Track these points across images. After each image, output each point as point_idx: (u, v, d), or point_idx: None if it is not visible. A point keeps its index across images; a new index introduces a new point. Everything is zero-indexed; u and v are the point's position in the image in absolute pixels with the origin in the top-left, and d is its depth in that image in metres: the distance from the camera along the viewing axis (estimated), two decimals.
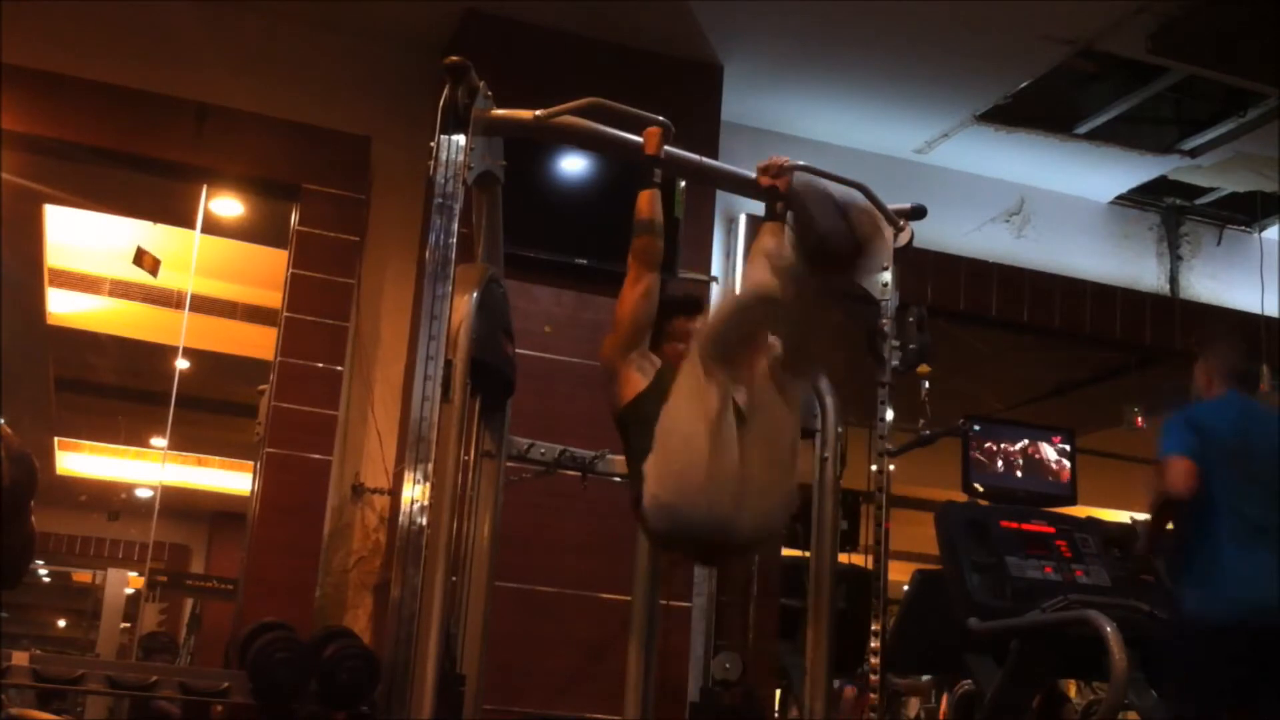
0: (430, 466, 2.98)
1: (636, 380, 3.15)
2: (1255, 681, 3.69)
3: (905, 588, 4.83)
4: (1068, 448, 4.74)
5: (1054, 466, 4.70)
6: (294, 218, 5.51)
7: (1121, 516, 4.87)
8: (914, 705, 8.61)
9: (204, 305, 7.52)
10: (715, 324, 2.92)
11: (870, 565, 3.77)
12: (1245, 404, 4.00)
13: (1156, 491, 3.82)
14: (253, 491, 5.46)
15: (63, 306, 8.22)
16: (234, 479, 9.92)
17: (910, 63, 5.59)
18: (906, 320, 3.82)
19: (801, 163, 3.56)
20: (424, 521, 2.97)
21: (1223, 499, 3.76)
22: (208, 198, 6.00)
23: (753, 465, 2.82)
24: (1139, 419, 7.25)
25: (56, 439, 10.61)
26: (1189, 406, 3.99)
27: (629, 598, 4.03)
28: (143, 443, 10.19)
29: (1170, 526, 3.93)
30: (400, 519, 3.00)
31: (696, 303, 3.44)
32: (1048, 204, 6.63)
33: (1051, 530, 4.28)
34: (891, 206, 3.81)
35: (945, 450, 4.71)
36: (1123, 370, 7.49)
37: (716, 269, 5.69)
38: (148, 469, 9.87)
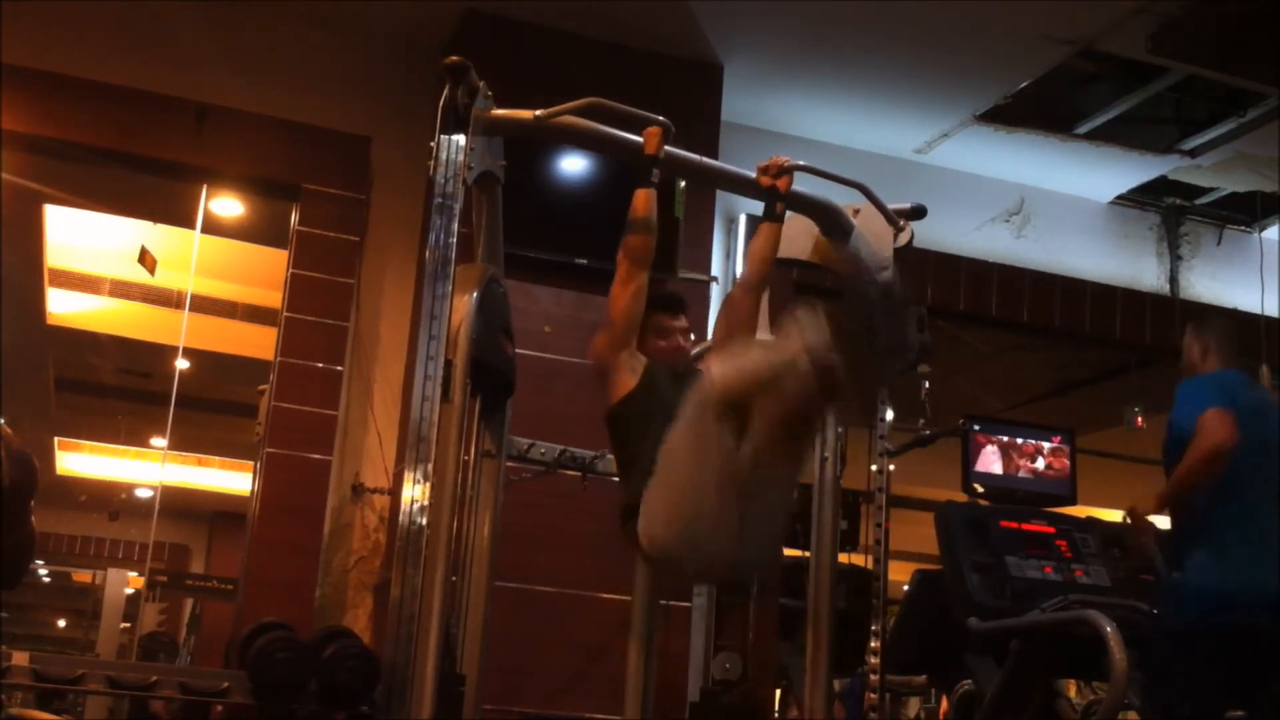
0: (430, 466, 2.98)
1: (626, 379, 3.17)
2: (1243, 667, 3.66)
3: (905, 588, 4.84)
4: (1068, 448, 4.74)
5: (1054, 466, 4.70)
6: (294, 218, 5.52)
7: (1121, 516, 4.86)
8: (914, 705, 8.61)
9: (204, 305, 7.51)
10: (748, 379, 2.74)
11: (870, 565, 3.77)
12: (1254, 386, 3.96)
13: (1198, 447, 3.64)
14: (253, 491, 5.46)
15: (63, 306, 8.21)
16: (234, 479, 9.92)
17: (910, 63, 5.59)
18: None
19: (802, 163, 3.57)
20: (424, 521, 2.96)
21: (1235, 475, 3.67)
22: (208, 198, 6.01)
23: (754, 510, 2.79)
24: (1139, 419, 7.25)
25: (56, 439, 10.60)
26: (1204, 375, 3.91)
27: (629, 598, 4.04)
28: (143, 443, 10.19)
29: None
30: (400, 519, 3.00)
31: (679, 301, 3.45)
32: (1048, 204, 6.63)
33: (1051, 530, 4.28)
34: (891, 206, 3.81)
35: (945, 450, 4.71)
36: (1123, 370, 7.50)
37: (716, 269, 5.69)
38: (148, 469, 9.87)
